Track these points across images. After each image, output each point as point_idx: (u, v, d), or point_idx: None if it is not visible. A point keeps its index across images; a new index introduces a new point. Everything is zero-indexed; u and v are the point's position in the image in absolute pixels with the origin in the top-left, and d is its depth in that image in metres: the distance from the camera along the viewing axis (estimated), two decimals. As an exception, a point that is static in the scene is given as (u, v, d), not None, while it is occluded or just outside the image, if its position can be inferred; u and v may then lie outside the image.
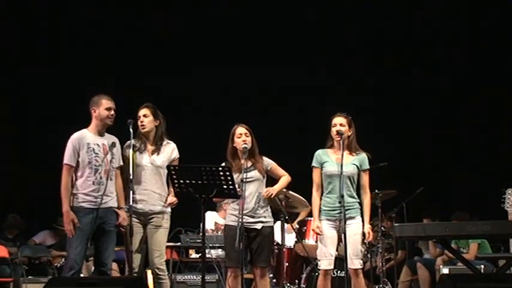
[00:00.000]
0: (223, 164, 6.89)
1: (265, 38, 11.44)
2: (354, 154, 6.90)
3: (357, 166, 6.89)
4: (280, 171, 7.09)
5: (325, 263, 6.82)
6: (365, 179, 6.94)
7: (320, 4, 11.39)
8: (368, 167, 6.98)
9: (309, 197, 7.19)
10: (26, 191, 11.11)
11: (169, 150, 7.01)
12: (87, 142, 6.63)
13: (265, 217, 6.96)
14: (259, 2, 11.55)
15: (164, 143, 7.00)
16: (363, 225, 6.86)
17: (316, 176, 6.94)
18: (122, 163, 6.84)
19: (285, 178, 7.07)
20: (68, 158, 6.58)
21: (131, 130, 6.79)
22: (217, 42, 11.51)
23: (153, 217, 6.88)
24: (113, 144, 6.76)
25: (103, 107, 6.69)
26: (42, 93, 11.33)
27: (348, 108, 7.08)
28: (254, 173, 6.91)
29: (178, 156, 7.05)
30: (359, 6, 11.37)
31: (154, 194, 6.88)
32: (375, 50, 11.46)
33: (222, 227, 7.84)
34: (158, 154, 6.94)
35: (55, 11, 11.64)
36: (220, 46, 11.50)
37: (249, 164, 6.89)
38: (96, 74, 10.98)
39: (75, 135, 6.66)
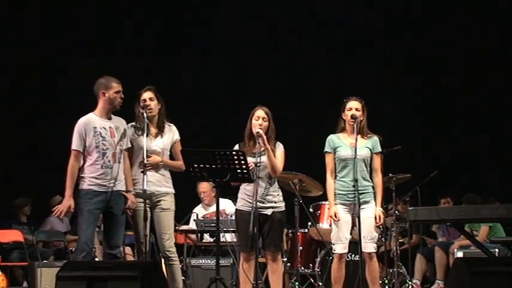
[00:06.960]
0: (236, 146, 6.88)
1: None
2: (366, 137, 6.89)
3: (370, 149, 6.89)
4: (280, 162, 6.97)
5: (340, 246, 6.83)
6: (377, 161, 6.93)
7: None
8: (380, 149, 6.97)
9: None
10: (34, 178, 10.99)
11: (171, 133, 7.02)
12: (94, 126, 6.60)
13: (275, 202, 6.88)
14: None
15: (166, 125, 7.00)
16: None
17: (329, 161, 6.92)
18: (130, 145, 6.82)
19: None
20: (75, 143, 6.59)
21: (145, 115, 6.73)
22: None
23: (159, 199, 6.86)
24: (124, 127, 6.76)
25: (113, 91, 6.64)
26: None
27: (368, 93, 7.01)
28: (266, 159, 6.83)
29: (179, 137, 7.05)
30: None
31: (157, 175, 6.85)
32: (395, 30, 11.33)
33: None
34: (162, 137, 6.94)
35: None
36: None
37: (263, 148, 6.85)
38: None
39: (82, 120, 6.64)
